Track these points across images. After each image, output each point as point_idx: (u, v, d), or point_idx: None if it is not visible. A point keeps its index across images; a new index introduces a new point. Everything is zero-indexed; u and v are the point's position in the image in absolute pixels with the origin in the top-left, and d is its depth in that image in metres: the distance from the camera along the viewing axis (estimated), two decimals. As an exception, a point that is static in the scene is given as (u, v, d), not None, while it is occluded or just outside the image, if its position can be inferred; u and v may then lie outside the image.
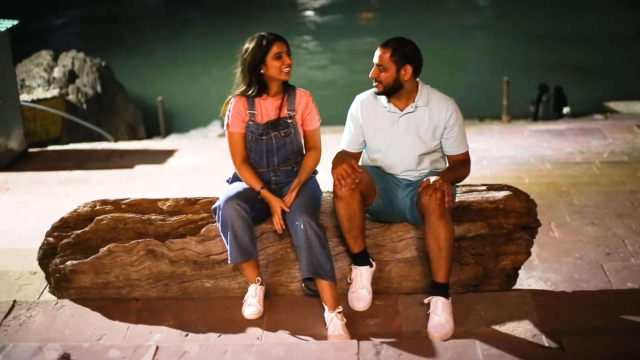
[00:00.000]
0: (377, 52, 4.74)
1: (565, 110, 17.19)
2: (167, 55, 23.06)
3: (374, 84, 4.76)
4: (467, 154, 4.86)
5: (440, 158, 4.92)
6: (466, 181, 5.00)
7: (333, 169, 4.60)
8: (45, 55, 19.98)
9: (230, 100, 4.86)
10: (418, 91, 4.78)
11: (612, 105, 18.47)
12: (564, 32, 24.79)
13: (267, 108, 4.83)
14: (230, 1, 29.37)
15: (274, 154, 4.87)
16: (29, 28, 23.33)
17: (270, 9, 28.26)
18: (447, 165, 4.91)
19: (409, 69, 4.68)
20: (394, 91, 4.72)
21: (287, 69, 4.75)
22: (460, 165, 4.81)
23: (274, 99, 4.83)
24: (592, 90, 19.84)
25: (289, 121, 4.84)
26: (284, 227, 4.68)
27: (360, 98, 4.93)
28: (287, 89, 4.88)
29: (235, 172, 4.96)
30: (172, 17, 28.80)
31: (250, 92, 4.78)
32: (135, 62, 23.34)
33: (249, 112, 4.82)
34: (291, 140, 4.86)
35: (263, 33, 4.83)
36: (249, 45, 4.78)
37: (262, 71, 4.75)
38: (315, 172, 5.01)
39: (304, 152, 4.97)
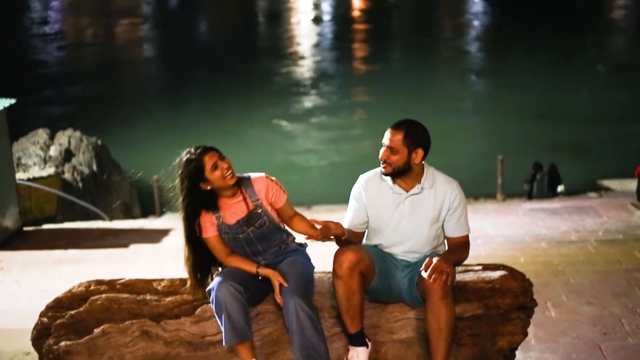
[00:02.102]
0: (388, 134, 4.73)
1: (560, 188, 17.25)
2: (163, 135, 23.17)
3: (382, 165, 4.76)
4: (467, 237, 4.87)
5: (441, 241, 4.92)
6: (462, 261, 5.00)
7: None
8: (41, 134, 20.11)
9: (191, 219, 4.82)
10: (424, 173, 4.81)
11: (606, 183, 18.55)
12: (557, 110, 25.02)
13: (232, 209, 4.81)
14: (225, 83, 29.67)
15: (256, 245, 4.87)
16: (26, 106, 23.49)
17: (265, 92, 28.51)
18: (447, 247, 4.90)
19: (420, 152, 4.70)
20: (401, 173, 4.74)
21: (229, 173, 4.70)
22: (460, 247, 4.81)
23: (233, 198, 4.81)
24: (586, 169, 19.95)
25: (259, 211, 4.83)
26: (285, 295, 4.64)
27: (364, 178, 4.93)
28: (242, 183, 4.85)
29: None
30: (168, 97, 29.04)
31: (205, 205, 4.76)
32: (131, 141, 23.46)
33: (216, 216, 4.81)
34: (268, 228, 4.86)
35: (189, 150, 4.78)
36: (181, 168, 4.75)
37: (207, 188, 4.73)
38: (305, 245, 5.01)
39: (286, 230, 4.97)
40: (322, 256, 4.96)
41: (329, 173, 20.94)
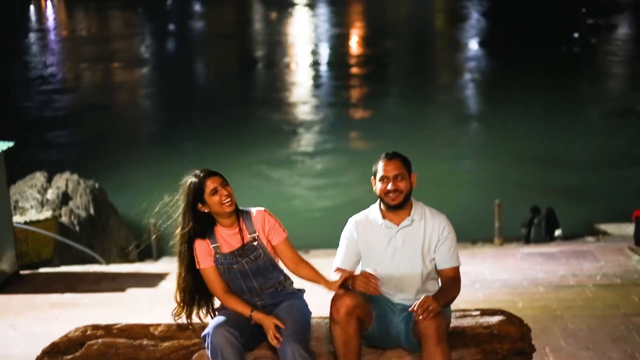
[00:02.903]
0: (387, 166, 4.81)
1: (557, 232, 17.25)
2: (160, 179, 23.19)
3: (392, 197, 4.79)
4: (457, 270, 4.89)
5: (435, 281, 4.93)
6: (459, 306, 4.99)
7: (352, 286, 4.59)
8: (39, 177, 20.12)
9: (187, 245, 4.86)
10: (413, 206, 4.87)
11: (604, 227, 18.55)
12: (554, 154, 25.09)
13: (229, 238, 4.83)
14: (221, 126, 29.78)
15: (251, 279, 4.86)
16: (24, 149, 23.55)
17: (259, 135, 28.58)
18: (440, 284, 4.92)
19: (414, 176, 4.83)
20: (407, 201, 4.81)
21: (228, 201, 4.74)
22: (451, 283, 4.82)
23: (231, 228, 4.83)
24: (583, 213, 19.95)
25: (255, 244, 4.84)
26: (281, 340, 4.61)
27: (354, 219, 4.98)
28: (242, 214, 4.88)
29: (222, 302, 4.95)
30: (165, 140, 29.11)
31: (201, 231, 4.79)
32: (128, 184, 23.48)
33: (213, 246, 4.82)
34: (263, 261, 4.86)
35: (196, 172, 4.86)
36: (183, 187, 4.82)
37: (205, 210, 4.76)
38: (302, 291, 5.00)
39: (284, 271, 4.97)
40: (319, 301, 4.94)
41: (322, 217, 20.91)
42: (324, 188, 23.80)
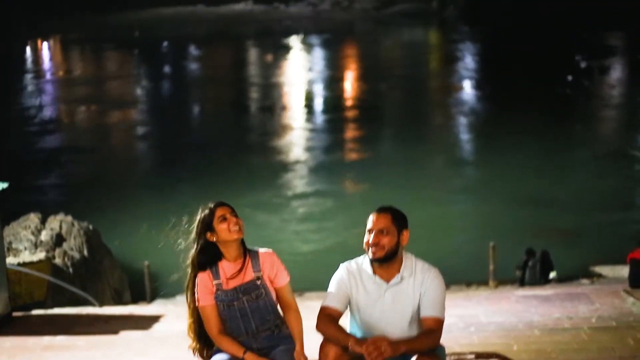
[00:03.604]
0: (375, 218, 4.80)
1: (552, 275, 17.24)
2: (155, 219, 23.19)
3: (372, 251, 4.77)
4: (438, 321, 4.82)
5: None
6: (454, 349, 4.97)
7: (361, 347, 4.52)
8: (33, 218, 20.07)
9: (191, 278, 4.88)
10: (403, 261, 4.83)
11: (598, 269, 18.55)
12: (548, 196, 25.16)
13: (232, 274, 4.84)
14: (214, 168, 29.83)
15: (249, 319, 4.85)
16: (19, 190, 23.54)
17: (253, 177, 28.61)
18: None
19: (406, 234, 4.78)
20: (390, 257, 4.77)
21: (236, 227, 4.79)
22: (426, 333, 4.76)
23: (236, 263, 4.84)
24: (578, 255, 19.97)
25: (258, 282, 4.85)
26: None
27: (346, 266, 4.96)
28: (249, 252, 4.90)
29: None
30: (159, 182, 29.14)
31: (204, 261, 4.81)
32: (122, 226, 23.48)
33: (215, 283, 4.82)
34: (264, 301, 4.86)
35: (209, 204, 4.93)
36: (195, 217, 4.88)
37: (213, 239, 4.78)
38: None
39: (281, 315, 4.96)
40: (313, 345, 4.93)
41: (313, 260, 20.88)
42: (315, 231, 23.80)
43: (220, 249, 4.83)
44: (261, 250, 4.96)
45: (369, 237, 4.77)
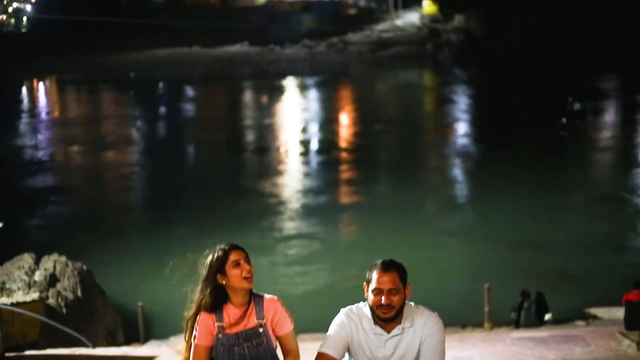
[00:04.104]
0: (382, 277, 4.67)
1: (547, 316, 17.19)
2: (148, 260, 23.14)
3: (383, 311, 4.69)
4: None
5: None
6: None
7: None
8: (27, 259, 20.00)
9: (193, 314, 4.84)
10: (404, 312, 4.78)
11: (594, 311, 18.51)
12: (542, 238, 25.16)
13: (236, 319, 4.80)
14: (209, 210, 29.81)
15: None
16: (13, 230, 23.51)
17: (248, 219, 28.59)
18: None
19: (409, 287, 4.73)
20: (399, 314, 4.71)
21: (248, 276, 4.75)
22: None
23: (240, 308, 4.80)
24: (573, 297, 19.93)
25: (260, 330, 4.80)
26: None
27: (346, 312, 4.89)
28: (254, 298, 4.86)
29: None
30: (153, 223, 29.11)
31: (210, 303, 4.77)
32: (116, 266, 23.41)
33: (218, 325, 4.79)
34: (264, 349, 4.81)
35: (222, 245, 4.89)
36: (207, 257, 4.83)
37: (223, 282, 4.75)
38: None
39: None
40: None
41: (306, 302, 20.80)
42: (307, 273, 23.74)
43: (228, 292, 4.79)
44: (267, 296, 4.91)
45: (379, 298, 4.66)
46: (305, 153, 41.31)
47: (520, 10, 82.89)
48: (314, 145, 43.73)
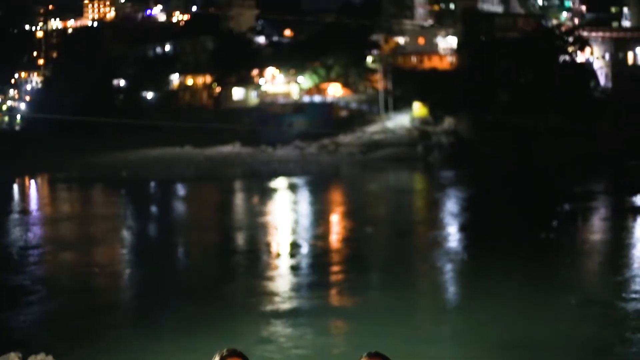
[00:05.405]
0: None
1: None
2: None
3: None
4: None
5: None
6: None
7: None
8: (13, 357, 19.68)
9: None
10: None
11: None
12: (534, 341, 25.01)
13: None
14: (201, 314, 29.60)
15: None
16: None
17: (238, 321, 28.38)
18: None
19: None
20: None
21: None
22: None
23: None
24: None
25: None
26: None
27: None
28: None
29: None
30: (142, 325, 28.82)
31: None
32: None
33: None
34: None
35: (222, 350, 4.89)
36: None
37: None
38: None
39: None
40: None
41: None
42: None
43: None
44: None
45: None
46: (295, 255, 41.23)
47: (509, 113, 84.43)
48: (305, 247, 43.68)
